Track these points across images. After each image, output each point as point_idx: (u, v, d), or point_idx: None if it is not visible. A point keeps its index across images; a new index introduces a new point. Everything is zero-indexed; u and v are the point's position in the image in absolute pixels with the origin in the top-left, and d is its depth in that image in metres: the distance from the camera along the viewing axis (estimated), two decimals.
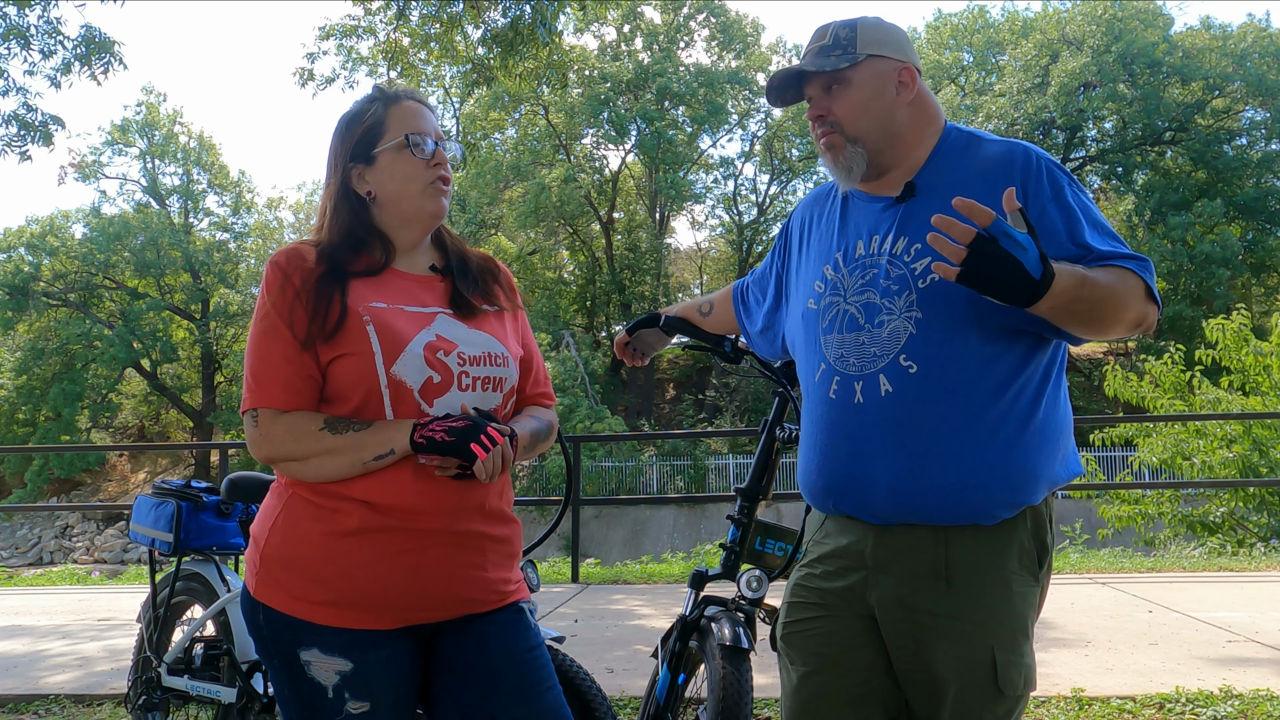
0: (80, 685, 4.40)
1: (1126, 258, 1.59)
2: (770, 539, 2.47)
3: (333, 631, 1.62)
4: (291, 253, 1.70)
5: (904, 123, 1.73)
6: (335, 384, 1.66)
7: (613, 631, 5.25)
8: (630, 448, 25.55)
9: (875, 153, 1.73)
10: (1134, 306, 1.57)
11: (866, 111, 1.72)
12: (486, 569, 1.71)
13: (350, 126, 1.78)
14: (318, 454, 1.62)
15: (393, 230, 1.77)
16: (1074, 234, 1.61)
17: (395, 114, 1.76)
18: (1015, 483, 1.61)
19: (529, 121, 33.07)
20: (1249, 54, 29.08)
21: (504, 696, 1.69)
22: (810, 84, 1.76)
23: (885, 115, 1.72)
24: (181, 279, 33.97)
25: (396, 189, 1.74)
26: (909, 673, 1.68)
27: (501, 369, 1.76)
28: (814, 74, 1.74)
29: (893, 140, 1.73)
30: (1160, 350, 15.09)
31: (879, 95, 1.72)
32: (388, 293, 1.72)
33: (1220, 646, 4.56)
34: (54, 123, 8.44)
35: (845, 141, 1.73)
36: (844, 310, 1.74)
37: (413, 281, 1.77)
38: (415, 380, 1.66)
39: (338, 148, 1.78)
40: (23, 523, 28.70)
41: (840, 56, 1.71)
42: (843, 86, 1.72)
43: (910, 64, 1.74)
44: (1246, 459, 10.03)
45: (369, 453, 1.61)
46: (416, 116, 1.76)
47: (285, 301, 1.65)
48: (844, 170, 1.75)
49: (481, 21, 8.98)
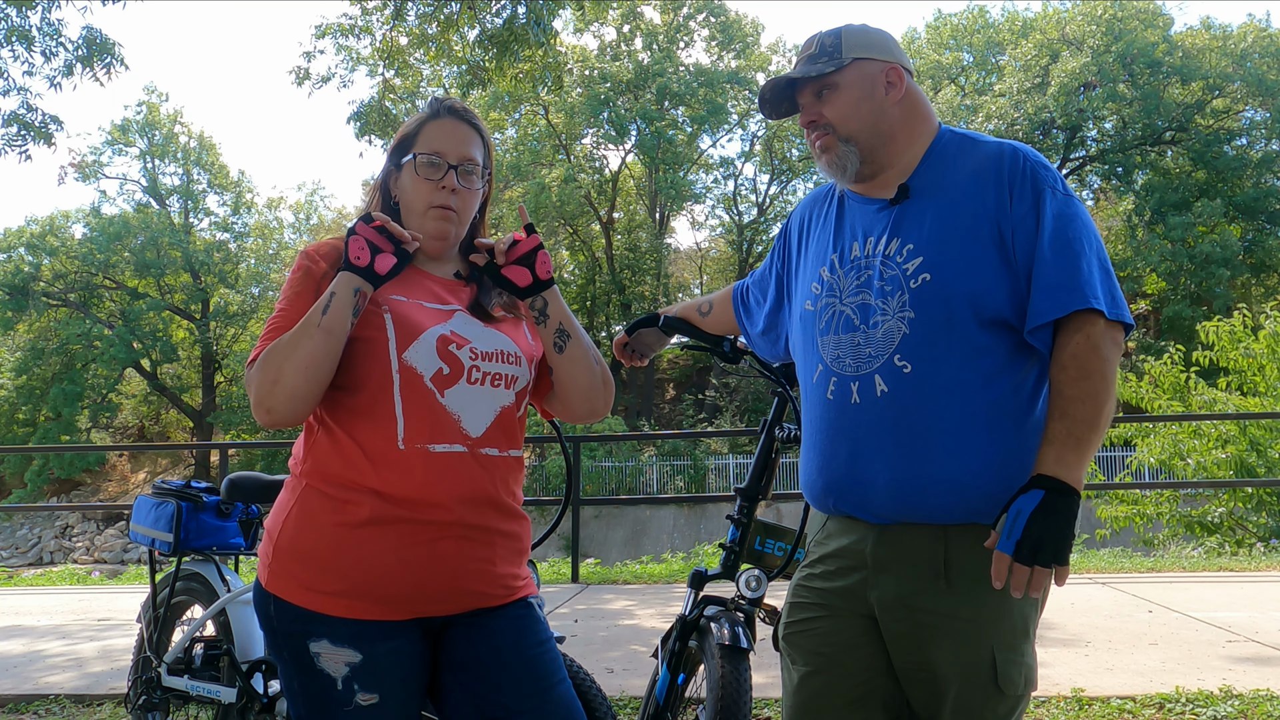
0: (80, 685, 4.40)
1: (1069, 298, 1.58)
2: (770, 539, 2.47)
3: (343, 623, 1.63)
4: (321, 244, 1.76)
5: (895, 121, 1.76)
6: (348, 368, 1.68)
7: (612, 631, 5.25)
8: (630, 448, 25.57)
9: (868, 151, 1.75)
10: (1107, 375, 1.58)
11: (857, 112, 1.75)
12: (496, 563, 1.72)
13: (401, 129, 1.84)
14: (291, 354, 1.61)
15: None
16: (1044, 243, 1.62)
17: (429, 129, 1.80)
18: (1013, 481, 1.61)
19: (529, 121, 33.09)
20: (1249, 54, 29.09)
21: (517, 689, 1.69)
22: (802, 92, 1.81)
23: (875, 114, 1.75)
24: (181, 279, 33.97)
25: (407, 202, 1.80)
26: (909, 672, 1.68)
27: (514, 367, 1.78)
28: (804, 82, 1.79)
29: (885, 139, 1.75)
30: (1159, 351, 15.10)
31: (868, 95, 1.75)
32: (410, 289, 1.76)
33: (1220, 646, 4.56)
34: (54, 123, 8.44)
35: (838, 141, 1.76)
36: (840, 311, 1.75)
37: (436, 282, 1.81)
38: (426, 368, 1.68)
39: (390, 147, 1.85)
40: (23, 523, 28.71)
41: (827, 62, 1.76)
42: (832, 90, 1.76)
43: (897, 64, 1.77)
44: (1242, 459, 10.04)
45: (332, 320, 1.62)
46: (446, 137, 1.79)
47: (308, 279, 1.71)
48: (839, 169, 1.77)
49: (476, 22, 8.98)
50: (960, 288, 1.63)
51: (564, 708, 1.73)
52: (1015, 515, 1.51)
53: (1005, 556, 1.51)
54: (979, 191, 1.67)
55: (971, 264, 1.64)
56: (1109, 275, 1.64)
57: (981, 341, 1.63)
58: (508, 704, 1.68)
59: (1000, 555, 1.52)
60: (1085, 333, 1.58)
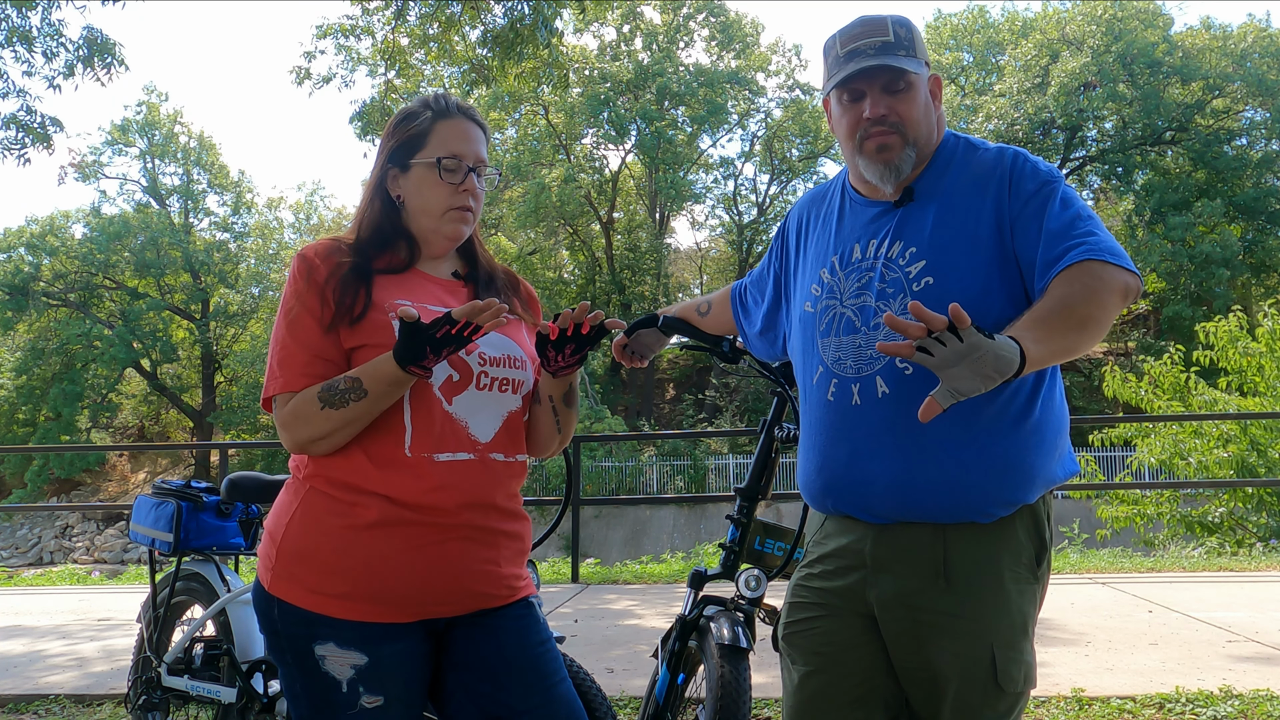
0: (80, 685, 4.40)
1: (1077, 247, 1.57)
2: (769, 539, 2.47)
3: (349, 625, 1.62)
4: (319, 245, 1.73)
5: (933, 131, 1.76)
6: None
7: (612, 631, 5.25)
8: (630, 448, 25.57)
9: (920, 158, 1.74)
10: (1107, 299, 1.54)
11: (924, 116, 1.73)
12: (500, 564, 1.72)
13: (398, 127, 1.78)
14: (338, 427, 1.62)
15: (418, 236, 1.79)
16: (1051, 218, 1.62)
17: (441, 129, 1.76)
18: (1011, 481, 1.62)
19: (529, 121, 33.08)
20: (1249, 54, 29.09)
21: (519, 689, 1.70)
22: (871, 82, 1.70)
23: (930, 123, 1.74)
24: (181, 279, 33.98)
25: (421, 204, 1.76)
26: (909, 671, 1.68)
27: (520, 372, 1.78)
28: (880, 70, 1.67)
29: (926, 148, 1.75)
30: (1160, 351, 15.10)
31: (928, 102, 1.74)
32: (413, 292, 1.73)
33: (1220, 646, 4.56)
34: (53, 125, 8.44)
35: (904, 144, 1.71)
36: (841, 314, 1.75)
37: (436, 284, 1.79)
38: (435, 376, 1.67)
39: (384, 144, 1.80)
40: (23, 523, 28.71)
41: (906, 57, 1.68)
42: (909, 90, 1.71)
43: (937, 75, 1.77)
44: (1242, 458, 10.04)
45: (377, 405, 1.61)
46: (461, 138, 1.76)
47: (310, 288, 1.67)
48: (893, 172, 1.72)
49: (480, 22, 8.98)
50: (962, 293, 1.63)
51: (566, 707, 1.73)
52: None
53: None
54: (980, 195, 1.68)
55: (973, 270, 1.65)
56: (1117, 244, 1.62)
57: None
58: (511, 703, 1.68)
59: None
60: (1095, 273, 1.54)
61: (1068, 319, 1.50)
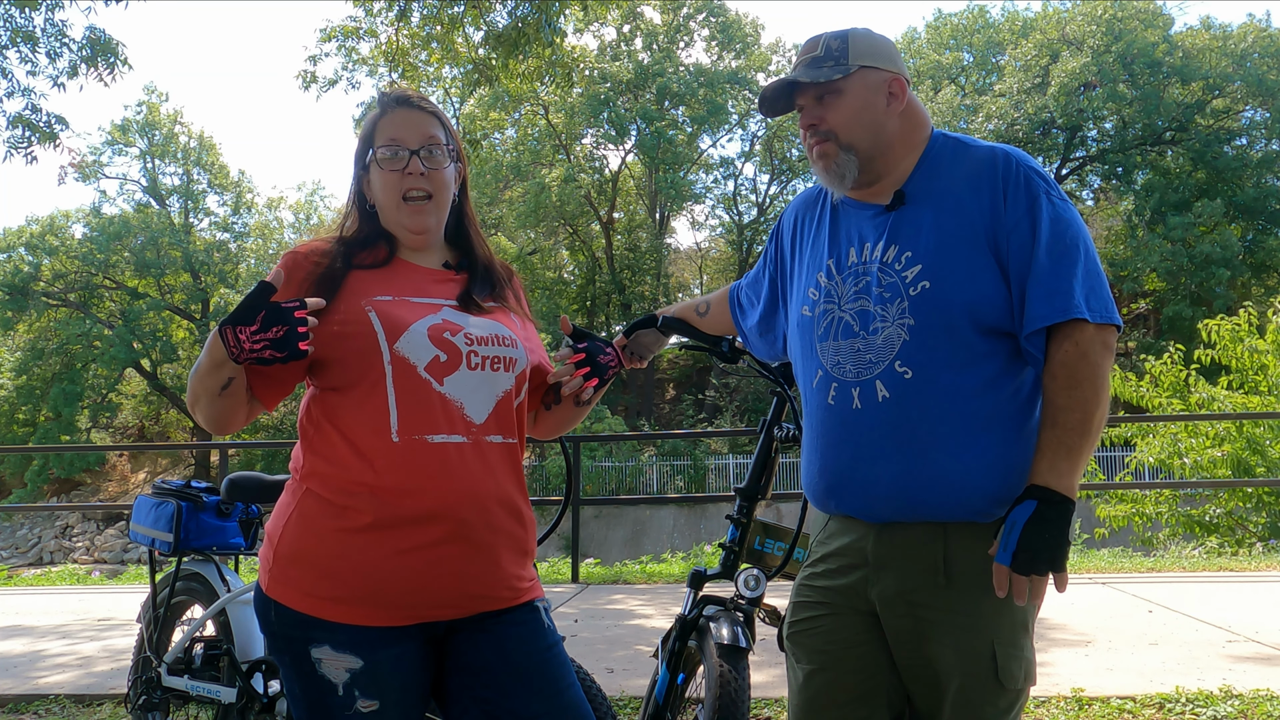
0: (80, 685, 4.41)
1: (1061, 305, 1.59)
2: (769, 538, 2.47)
3: (344, 629, 1.61)
4: (306, 244, 1.75)
5: (894, 132, 1.76)
6: (340, 369, 1.66)
7: (612, 631, 5.26)
8: (630, 448, 25.58)
9: (866, 160, 1.75)
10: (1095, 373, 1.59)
11: (859, 121, 1.74)
12: (500, 564, 1.69)
13: (360, 134, 1.81)
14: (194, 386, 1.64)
15: (394, 232, 1.80)
16: (1040, 248, 1.63)
17: (382, 125, 1.77)
18: (1011, 481, 1.63)
19: (529, 121, 33.05)
20: (1249, 54, 29.11)
21: (524, 695, 1.68)
22: (802, 94, 1.79)
23: (877, 125, 1.74)
24: (181, 279, 33.97)
25: (380, 200, 1.78)
26: (911, 668, 1.70)
27: (510, 349, 1.76)
28: (807, 84, 1.76)
29: (884, 149, 1.75)
30: (1160, 350, 15.09)
31: (870, 105, 1.74)
32: (395, 285, 1.73)
33: (1220, 646, 4.56)
34: (59, 123, 8.45)
35: (838, 149, 1.75)
36: (839, 318, 1.76)
37: (423, 275, 1.78)
38: (420, 357, 1.66)
39: (355, 154, 1.82)
40: (23, 523, 28.71)
41: (833, 67, 1.74)
42: (835, 96, 1.75)
43: (900, 75, 1.77)
44: (1238, 457, 10.03)
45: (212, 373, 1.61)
46: (400, 124, 1.76)
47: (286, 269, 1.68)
48: (836, 178, 1.77)
49: (483, 23, 8.99)
50: (959, 297, 1.64)
51: (574, 713, 1.71)
52: (1010, 527, 1.55)
53: (1004, 568, 1.55)
54: (974, 198, 1.68)
55: (970, 273, 1.65)
56: (1098, 278, 1.64)
57: (981, 348, 1.65)
58: (517, 710, 1.67)
59: (999, 567, 1.56)
60: (1074, 340, 1.60)
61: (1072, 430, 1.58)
